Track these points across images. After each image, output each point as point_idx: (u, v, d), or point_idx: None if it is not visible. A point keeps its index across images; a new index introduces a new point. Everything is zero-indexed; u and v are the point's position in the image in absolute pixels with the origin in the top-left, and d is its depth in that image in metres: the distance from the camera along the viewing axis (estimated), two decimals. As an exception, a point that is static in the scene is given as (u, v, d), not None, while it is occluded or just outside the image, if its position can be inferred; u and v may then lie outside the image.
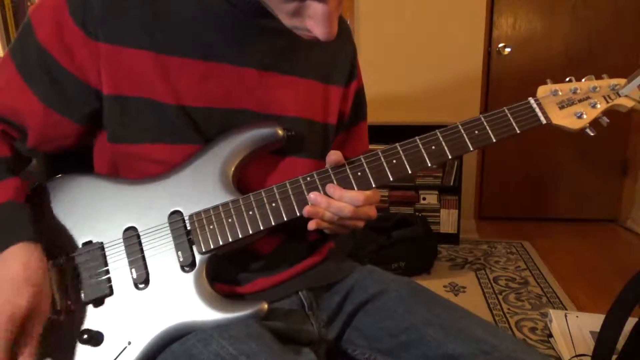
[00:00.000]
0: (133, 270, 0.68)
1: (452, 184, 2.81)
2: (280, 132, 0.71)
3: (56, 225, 0.70)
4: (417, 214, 2.78)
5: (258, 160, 0.73)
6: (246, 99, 0.72)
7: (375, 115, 1.38)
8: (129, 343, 0.65)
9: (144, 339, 0.65)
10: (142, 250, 0.68)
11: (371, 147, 0.97)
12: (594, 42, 3.01)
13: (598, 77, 0.71)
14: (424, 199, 2.84)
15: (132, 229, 0.69)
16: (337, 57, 0.84)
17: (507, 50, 3.06)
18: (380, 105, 2.89)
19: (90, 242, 0.69)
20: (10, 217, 0.65)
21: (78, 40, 0.66)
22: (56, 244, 0.68)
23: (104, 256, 0.68)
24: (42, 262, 0.63)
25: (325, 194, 0.69)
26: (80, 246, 0.69)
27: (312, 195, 0.68)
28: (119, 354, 0.64)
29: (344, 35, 0.86)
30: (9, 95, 0.69)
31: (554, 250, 2.75)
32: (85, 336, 0.65)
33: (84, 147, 0.75)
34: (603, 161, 3.15)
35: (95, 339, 0.65)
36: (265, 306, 0.67)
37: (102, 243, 0.69)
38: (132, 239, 0.68)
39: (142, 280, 0.67)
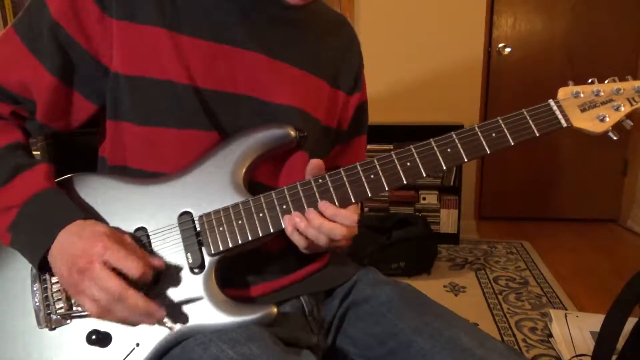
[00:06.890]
0: None
1: (452, 183, 2.81)
2: (292, 133, 0.70)
3: None
4: (417, 214, 2.78)
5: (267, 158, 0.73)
6: (252, 85, 0.72)
7: (375, 115, 1.37)
8: (137, 345, 0.64)
9: (152, 341, 0.64)
10: (151, 251, 0.67)
11: (371, 147, 0.96)
12: (594, 42, 3.01)
13: (621, 79, 0.68)
14: (424, 199, 2.84)
15: (141, 229, 0.68)
16: (343, 62, 0.84)
17: (507, 50, 3.06)
18: (380, 105, 2.89)
19: None
20: (55, 201, 0.65)
21: (93, 16, 0.66)
22: None
23: None
24: (95, 224, 0.64)
25: (337, 198, 0.67)
26: None
27: (297, 219, 0.65)
28: (127, 355, 0.64)
29: (352, 42, 0.87)
30: (17, 71, 0.68)
31: (554, 250, 2.75)
32: (93, 337, 0.64)
33: (92, 127, 0.75)
34: (603, 161, 3.15)
35: (103, 339, 0.64)
36: (275, 310, 0.66)
37: None
38: (142, 239, 0.67)
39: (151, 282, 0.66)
